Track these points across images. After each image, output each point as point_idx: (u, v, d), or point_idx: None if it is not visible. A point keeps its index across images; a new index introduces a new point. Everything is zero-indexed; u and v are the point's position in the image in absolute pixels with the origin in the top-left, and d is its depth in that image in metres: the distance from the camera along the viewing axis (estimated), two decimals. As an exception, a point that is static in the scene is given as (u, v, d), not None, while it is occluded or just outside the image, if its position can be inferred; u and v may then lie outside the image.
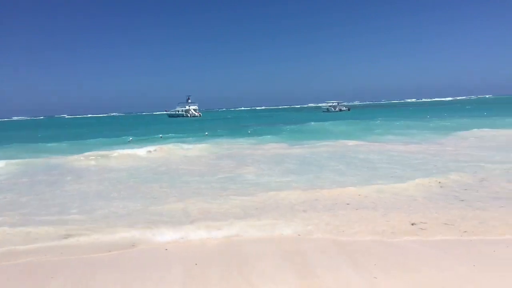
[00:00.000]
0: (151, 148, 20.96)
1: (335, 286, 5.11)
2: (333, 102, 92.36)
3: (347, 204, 8.98)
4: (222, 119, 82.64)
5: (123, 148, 21.43)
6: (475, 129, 26.67)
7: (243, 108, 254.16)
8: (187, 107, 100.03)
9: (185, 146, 22.14)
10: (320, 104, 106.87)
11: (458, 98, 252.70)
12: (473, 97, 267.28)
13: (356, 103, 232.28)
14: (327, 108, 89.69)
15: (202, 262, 6.01)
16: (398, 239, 6.58)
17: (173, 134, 33.46)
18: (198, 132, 35.44)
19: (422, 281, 5.10)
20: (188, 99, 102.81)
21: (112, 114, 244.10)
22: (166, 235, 7.22)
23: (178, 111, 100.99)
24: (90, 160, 18.77)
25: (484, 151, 16.85)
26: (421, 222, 7.46)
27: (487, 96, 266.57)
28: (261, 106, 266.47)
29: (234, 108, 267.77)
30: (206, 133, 34.32)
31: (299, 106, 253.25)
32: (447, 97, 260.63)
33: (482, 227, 7.04)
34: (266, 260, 5.98)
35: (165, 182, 12.77)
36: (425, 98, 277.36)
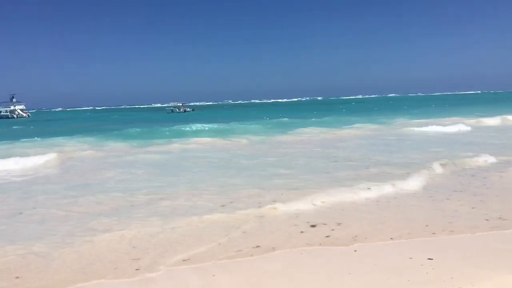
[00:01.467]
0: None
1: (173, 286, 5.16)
2: (177, 103, 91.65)
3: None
4: (56, 120, 75.02)
5: None
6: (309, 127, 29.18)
7: (84, 108, 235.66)
8: (12, 107, 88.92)
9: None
10: (164, 105, 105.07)
11: (301, 99, 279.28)
12: (307, 98, 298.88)
13: (203, 103, 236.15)
14: (171, 109, 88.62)
15: None
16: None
17: None
18: (24, 135, 30.85)
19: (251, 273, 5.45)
20: (13, 98, 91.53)
21: None
22: None
23: (1, 112, 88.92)
24: None
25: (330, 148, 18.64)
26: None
27: (319, 98, 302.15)
28: (102, 106, 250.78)
29: (72, 108, 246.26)
30: (36, 137, 30.06)
31: (145, 106, 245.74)
32: (284, 99, 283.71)
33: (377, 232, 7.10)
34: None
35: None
36: (266, 99, 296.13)
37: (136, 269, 5.69)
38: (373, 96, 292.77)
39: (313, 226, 7.41)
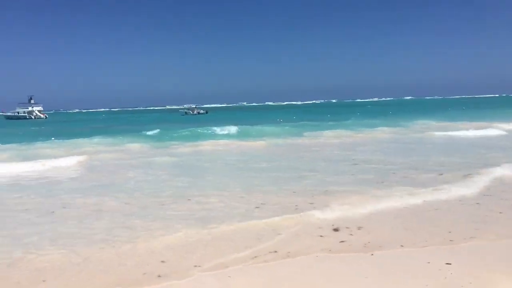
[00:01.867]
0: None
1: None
2: (191, 105, 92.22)
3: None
4: (74, 122, 75.98)
5: None
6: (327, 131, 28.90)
7: (100, 110, 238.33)
8: (29, 108, 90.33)
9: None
10: (178, 107, 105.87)
11: (316, 101, 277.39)
12: (322, 101, 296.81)
13: (217, 105, 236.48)
14: (185, 112, 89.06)
15: None
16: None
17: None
18: (41, 136, 31.37)
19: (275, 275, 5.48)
20: (31, 99, 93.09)
21: None
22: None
23: (19, 113, 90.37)
24: None
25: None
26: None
27: (333, 100, 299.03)
28: (117, 108, 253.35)
29: (88, 109, 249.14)
30: (53, 138, 30.55)
31: (158, 107, 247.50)
32: (298, 101, 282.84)
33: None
34: None
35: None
36: (280, 101, 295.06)
37: (158, 276, 5.57)
38: (388, 98, 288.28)
39: (336, 230, 7.31)
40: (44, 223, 8.26)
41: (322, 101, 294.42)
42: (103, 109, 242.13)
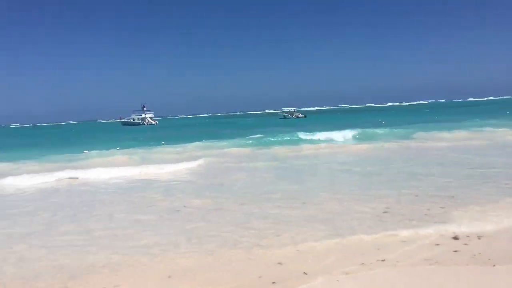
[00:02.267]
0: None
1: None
2: (289, 109, 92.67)
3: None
4: (182, 127, 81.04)
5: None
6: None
7: (204, 115, 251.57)
8: (143, 115, 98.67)
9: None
10: (276, 111, 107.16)
11: (421, 102, 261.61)
12: (429, 101, 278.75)
13: (316, 108, 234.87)
14: (284, 115, 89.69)
15: None
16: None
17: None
18: (154, 141, 33.91)
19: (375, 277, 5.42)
20: (144, 107, 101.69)
21: (68, 122, 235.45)
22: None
23: (134, 119, 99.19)
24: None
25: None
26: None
27: (441, 100, 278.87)
28: (219, 113, 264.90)
29: (193, 115, 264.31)
30: (163, 142, 32.83)
31: (257, 112, 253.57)
32: (402, 102, 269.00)
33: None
34: None
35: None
36: (383, 103, 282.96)
37: (273, 282, 5.54)
38: (506, 97, 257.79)
39: (455, 238, 6.80)
40: (174, 220, 8.86)
41: (429, 101, 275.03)
42: (206, 114, 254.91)
